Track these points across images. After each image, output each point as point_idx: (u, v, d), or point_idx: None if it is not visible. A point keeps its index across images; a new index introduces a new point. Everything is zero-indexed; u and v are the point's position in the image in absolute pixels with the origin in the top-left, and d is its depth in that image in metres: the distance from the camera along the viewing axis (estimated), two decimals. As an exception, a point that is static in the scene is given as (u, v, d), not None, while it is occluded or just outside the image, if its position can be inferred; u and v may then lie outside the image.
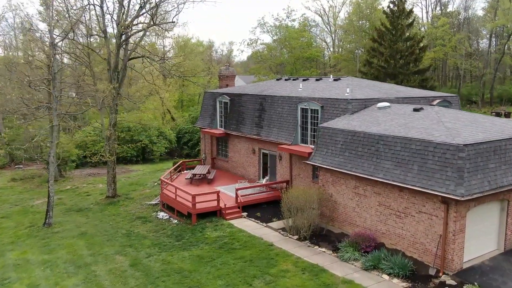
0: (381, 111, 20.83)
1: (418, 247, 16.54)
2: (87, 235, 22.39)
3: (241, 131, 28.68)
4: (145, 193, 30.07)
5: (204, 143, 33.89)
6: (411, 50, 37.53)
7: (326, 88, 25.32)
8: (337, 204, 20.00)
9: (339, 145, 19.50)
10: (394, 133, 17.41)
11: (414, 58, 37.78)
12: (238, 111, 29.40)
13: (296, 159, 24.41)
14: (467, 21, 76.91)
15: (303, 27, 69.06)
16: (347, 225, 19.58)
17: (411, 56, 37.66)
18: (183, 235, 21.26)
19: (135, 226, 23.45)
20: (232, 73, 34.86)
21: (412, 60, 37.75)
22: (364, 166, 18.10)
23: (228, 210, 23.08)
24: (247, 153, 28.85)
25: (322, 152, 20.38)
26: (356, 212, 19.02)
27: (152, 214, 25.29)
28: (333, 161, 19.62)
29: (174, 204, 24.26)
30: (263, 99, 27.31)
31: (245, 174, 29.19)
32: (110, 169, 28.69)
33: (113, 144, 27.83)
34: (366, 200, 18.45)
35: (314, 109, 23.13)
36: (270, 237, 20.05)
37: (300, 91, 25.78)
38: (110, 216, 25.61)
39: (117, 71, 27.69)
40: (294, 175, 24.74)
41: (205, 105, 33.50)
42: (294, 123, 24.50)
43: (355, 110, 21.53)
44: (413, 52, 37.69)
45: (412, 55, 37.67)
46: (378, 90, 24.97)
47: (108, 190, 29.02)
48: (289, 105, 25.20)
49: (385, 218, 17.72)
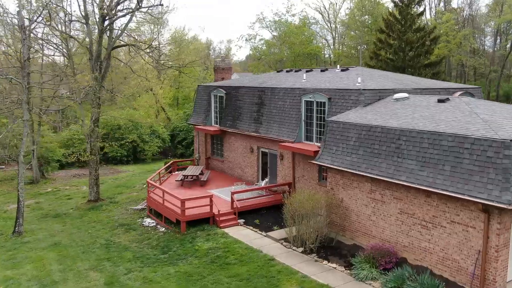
0: (399, 102, 18.00)
1: (449, 264, 13.70)
2: (60, 246, 19.51)
3: (237, 127, 25.85)
4: (132, 197, 27.21)
5: (198, 141, 31.04)
6: (422, 41, 34.77)
7: (333, 79, 22.50)
8: (348, 211, 17.16)
9: (352, 142, 16.66)
10: (419, 127, 14.58)
11: (425, 50, 35.02)
12: (234, 106, 26.57)
13: (299, 159, 21.58)
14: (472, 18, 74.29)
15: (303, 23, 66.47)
16: (361, 236, 16.73)
17: (422, 48, 34.89)
18: (170, 246, 18.41)
19: (117, 235, 20.58)
20: (228, 65, 32.03)
21: (423, 52, 34.98)
22: (382, 166, 15.26)
23: (222, 216, 20.24)
24: (244, 152, 26.02)
25: (331, 150, 17.55)
26: (372, 220, 16.18)
27: (137, 220, 22.43)
28: (344, 160, 16.78)
29: (162, 210, 21.42)
30: (262, 92, 24.47)
31: (242, 175, 26.35)
32: (93, 170, 25.82)
33: (95, 142, 24.95)
34: (385, 207, 15.61)
35: (321, 101, 20.30)
36: (270, 249, 17.21)
37: (304, 83, 22.96)
38: (89, 223, 22.74)
39: (99, 60, 24.83)
40: (297, 177, 21.91)
41: (198, 100, 30.66)
42: (297, 118, 21.67)
43: (369, 102, 18.71)
44: (424, 43, 34.93)
45: (423, 47, 34.91)
46: (392, 80, 22.15)
47: (90, 194, 26.15)
48: (291, 98, 22.36)
49: (407, 229, 14.88)
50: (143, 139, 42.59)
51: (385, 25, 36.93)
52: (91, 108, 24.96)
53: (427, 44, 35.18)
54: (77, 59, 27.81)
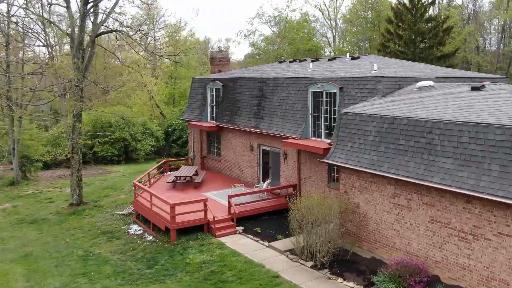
0: (424, 91, 15.46)
1: (496, 286, 11.16)
2: (31, 258, 16.92)
3: (236, 123, 23.28)
4: (119, 200, 24.62)
5: (193, 139, 28.46)
6: (435, 31, 32.29)
7: (343, 67, 19.96)
8: (366, 218, 14.61)
9: (371, 137, 14.11)
10: (456, 117, 12.04)
11: (438, 41, 32.54)
12: (232, 99, 24.00)
13: (306, 157, 19.03)
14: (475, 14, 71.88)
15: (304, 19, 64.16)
16: (381, 248, 14.18)
17: (435, 39, 32.41)
18: (157, 258, 15.84)
19: (98, 244, 17.99)
20: (225, 56, 29.49)
21: (436, 44, 32.49)
22: (410, 166, 12.71)
23: (218, 223, 17.67)
24: (243, 150, 23.45)
25: (345, 147, 14.99)
26: (395, 230, 13.63)
27: (123, 227, 19.84)
28: (362, 159, 14.23)
29: (149, 215, 18.85)
30: (263, 83, 21.92)
31: (241, 176, 23.79)
32: (75, 170, 23.22)
33: (76, 140, 22.35)
34: (411, 214, 13.07)
35: (330, 92, 17.76)
36: (274, 263, 14.64)
37: (310, 72, 20.41)
38: (68, 230, 20.14)
39: (82, 48, 22.24)
40: (303, 178, 19.36)
41: (193, 94, 28.08)
42: (303, 112, 19.13)
43: (387, 92, 16.16)
44: (436, 34, 32.45)
45: (435, 38, 32.43)
46: (410, 68, 19.65)
47: (72, 197, 23.54)
48: (296, 88, 19.81)
49: (440, 241, 12.34)
50: (136, 138, 39.94)
51: (394, 15, 34.43)
52: (73, 102, 22.34)
53: (439, 35, 32.66)
54: (61, 56, 25.14)
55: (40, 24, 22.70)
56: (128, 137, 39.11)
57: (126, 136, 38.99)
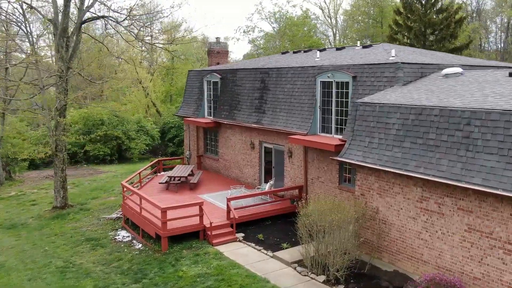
0: (452, 79, 13.48)
1: (553, 310, 9.17)
2: (2, 270, 14.87)
3: (235, 118, 21.27)
4: (108, 203, 22.58)
5: (188, 136, 26.44)
6: (447, 22, 30.34)
7: (355, 56, 17.96)
8: (387, 225, 12.61)
9: (394, 130, 12.10)
10: (501, 106, 10.04)
11: (450, 33, 30.61)
12: (231, 93, 21.99)
13: (314, 156, 17.04)
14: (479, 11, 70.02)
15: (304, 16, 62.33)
16: (406, 260, 12.18)
17: (447, 31, 30.47)
18: (146, 270, 13.82)
19: (79, 253, 15.95)
20: (224, 48, 27.48)
21: (448, 36, 30.53)
22: (442, 164, 10.71)
23: (215, 230, 15.65)
24: (243, 148, 21.45)
25: (362, 142, 12.99)
26: (423, 240, 11.63)
27: (109, 234, 17.81)
28: (383, 156, 12.23)
29: (139, 221, 16.83)
30: (265, 74, 19.91)
31: (241, 177, 21.77)
32: (58, 170, 21.18)
33: (59, 136, 20.31)
34: (443, 221, 11.07)
35: (342, 82, 15.77)
36: (280, 277, 12.63)
37: (318, 61, 18.41)
38: (49, 237, 18.09)
39: (66, 36, 20.21)
40: (310, 179, 17.37)
41: (189, 88, 26.05)
42: (310, 105, 17.15)
43: (409, 80, 14.18)
44: (448, 25, 30.51)
45: (447, 29, 30.48)
46: (430, 56, 17.71)
47: (55, 199, 21.48)
48: (303, 79, 17.82)
49: (480, 254, 10.34)
50: (129, 136, 37.85)
51: (403, 5, 32.46)
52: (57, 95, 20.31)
53: (451, 27, 30.69)
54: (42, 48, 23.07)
55: (19, 8, 20.65)
56: (121, 135, 37.05)
57: (119, 134, 36.92)
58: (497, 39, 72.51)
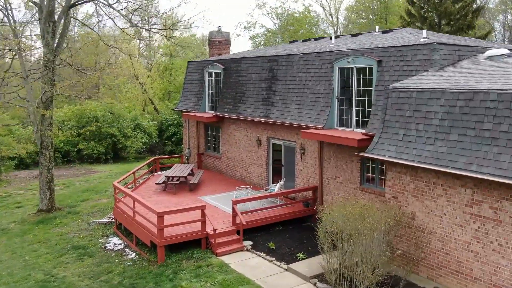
0: (499, 61, 11.49)
1: None
2: (-27, 285, 12.85)
3: (240, 112, 19.26)
4: (100, 205, 20.53)
5: (188, 133, 24.39)
6: (464, 12, 28.44)
7: (376, 41, 15.95)
8: (426, 233, 10.60)
9: (436, 120, 10.09)
10: None
11: (467, 23, 28.71)
12: (235, 84, 19.97)
13: (331, 152, 15.04)
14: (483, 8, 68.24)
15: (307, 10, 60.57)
16: (450, 276, 10.17)
17: (464, 20, 28.56)
18: (139, 286, 11.81)
19: (64, 264, 13.92)
20: (226, 38, 25.45)
21: (465, 26, 28.61)
22: (502, 160, 8.72)
23: (220, 237, 13.62)
24: (249, 145, 19.44)
25: (395, 135, 10.98)
26: (474, 252, 9.62)
27: (99, 241, 15.77)
28: (422, 151, 10.22)
29: (132, 227, 14.79)
30: (274, 62, 17.89)
31: (246, 176, 19.75)
32: (44, 169, 19.14)
33: (45, 131, 18.28)
34: (501, 230, 9.07)
35: (365, 68, 13.78)
36: (299, 296, 10.64)
37: (333, 47, 16.40)
38: (31, 244, 16.05)
39: (52, 20, 18.18)
40: (326, 179, 15.37)
41: (188, 81, 24.02)
42: (327, 95, 15.14)
43: (445, 64, 12.18)
44: (465, 15, 28.61)
45: (464, 20, 28.58)
46: (460, 39, 15.69)
47: (41, 201, 19.42)
48: (318, 66, 15.81)
49: (552, 271, 8.34)
50: (125, 134, 35.77)
51: (416, -7, 30.46)
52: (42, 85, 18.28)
53: (469, 17, 28.74)
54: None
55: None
56: (116, 133, 34.99)
57: (115, 132, 34.87)
58: (497, 36, 70.64)
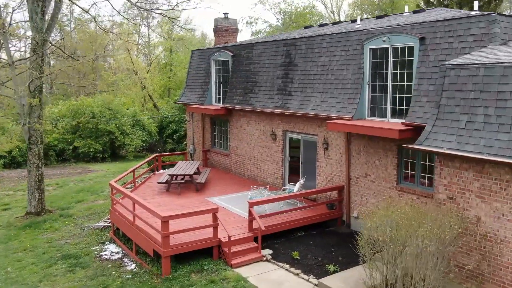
0: None
1: None
2: None
3: (251, 103, 17.25)
4: (95, 207, 18.51)
5: (192, 128, 22.37)
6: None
7: (409, 20, 13.93)
8: (495, 243, 8.59)
9: (511, 103, 8.10)
10: None
11: (492, 8, 26.82)
12: (246, 73, 17.97)
13: (361, 147, 13.06)
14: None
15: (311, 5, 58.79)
16: (530, 297, 8.17)
17: (488, 6, 26.67)
18: (140, 305, 9.79)
19: (52, 277, 11.90)
20: (233, 25, 23.46)
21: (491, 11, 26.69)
22: None
23: (235, 245, 11.61)
24: (262, 140, 17.43)
25: (454, 123, 8.98)
26: None
27: (94, 248, 13.75)
28: (493, 141, 8.23)
29: (131, 233, 12.77)
30: (291, 46, 15.88)
31: (258, 175, 17.75)
32: (33, 167, 17.12)
33: (34, 124, 16.26)
34: None
35: (403, 47, 11.80)
36: (338, 320, 8.62)
37: (360, 27, 14.38)
38: (16, 252, 14.02)
39: (41, 1, 16.17)
40: (354, 177, 13.38)
41: (193, 71, 22.00)
42: (355, 80, 13.16)
43: (506, 39, 10.19)
44: (489, 2, 26.74)
45: (489, 5, 26.70)
46: None
47: (29, 203, 17.39)
48: (344, 48, 13.81)
49: None
50: (124, 131, 33.73)
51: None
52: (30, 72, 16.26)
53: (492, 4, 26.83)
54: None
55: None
56: (114, 130, 32.97)
57: (112, 129, 32.85)
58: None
